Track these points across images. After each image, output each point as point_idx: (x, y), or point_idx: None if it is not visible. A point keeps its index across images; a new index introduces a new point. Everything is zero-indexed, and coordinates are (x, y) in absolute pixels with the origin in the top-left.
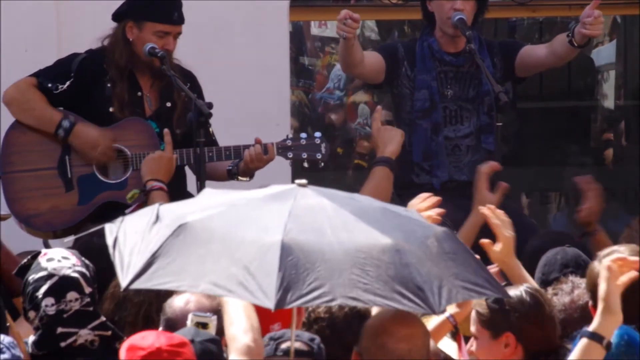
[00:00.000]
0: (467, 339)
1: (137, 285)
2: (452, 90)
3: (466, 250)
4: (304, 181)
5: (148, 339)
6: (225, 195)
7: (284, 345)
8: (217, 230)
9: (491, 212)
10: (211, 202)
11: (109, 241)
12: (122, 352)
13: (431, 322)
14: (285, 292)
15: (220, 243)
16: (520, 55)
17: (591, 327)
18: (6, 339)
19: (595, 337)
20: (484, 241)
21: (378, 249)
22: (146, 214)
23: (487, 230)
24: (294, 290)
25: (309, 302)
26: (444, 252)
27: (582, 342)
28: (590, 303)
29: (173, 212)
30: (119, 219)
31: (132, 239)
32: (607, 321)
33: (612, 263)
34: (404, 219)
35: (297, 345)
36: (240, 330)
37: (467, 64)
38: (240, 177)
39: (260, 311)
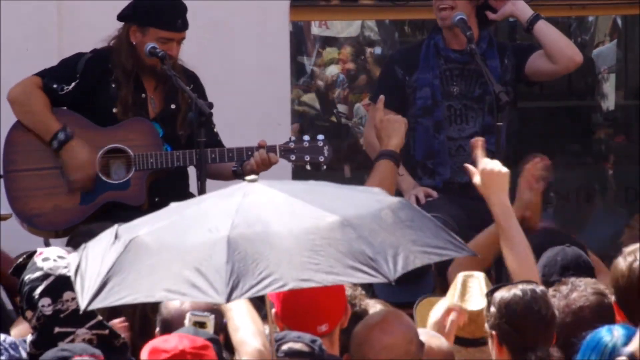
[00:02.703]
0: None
1: (95, 305)
2: (458, 87)
3: (424, 216)
4: (254, 177)
5: (171, 341)
6: (181, 205)
7: (285, 347)
8: (167, 239)
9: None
10: (165, 214)
11: (72, 269)
12: (144, 354)
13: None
14: (235, 284)
15: (170, 250)
16: (529, 60)
17: (631, 348)
18: (8, 339)
19: (633, 358)
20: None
21: (326, 228)
22: (106, 236)
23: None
24: (244, 282)
25: (261, 291)
26: (399, 221)
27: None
28: (613, 299)
29: (129, 230)
30: (82, 247)
31: (92, 263)
32: None
33: None
34: (360, 195)
35: (299, 346)
36: (249, 334)
37: (473, 62)
38: (246, 178)
39: (307, 312)
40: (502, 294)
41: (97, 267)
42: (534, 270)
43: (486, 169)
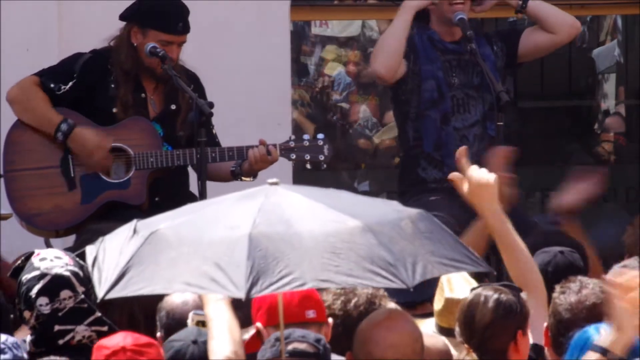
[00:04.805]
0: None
1: (112, 294)
2: (458, 78)
3: (443, 230)
4: (275, 180)
5: (115, 338)
6: (200, 203)
7: (289, 347)
8: (188, 234)
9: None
10: (185, 211)
11: (89, 261)
12: (93, 353)
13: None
14: (255, 281)
15: (190, 245)
16: (522, 39)
17: (603, 343)
18: (10, 339)
19: (605, 352)
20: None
21: (348, 232)
22: (124, 230)
23: None
24: (263, 278)
25: (280, 288)
26: (419, 232)
27: (592, 355)
28: None
29: (148, 224)
30: (99, 239)
31: (110, 255)
32: (619, 338)
33: (622, 282)
34: (379, 205)
35: (303, 346)
36: (221, 343)
37: (469, 54)
38: (243, 178)
39: (294, 294)
40: (469, 294)
41: (116, 259)
42: (535, 273)
43: (473, 178)
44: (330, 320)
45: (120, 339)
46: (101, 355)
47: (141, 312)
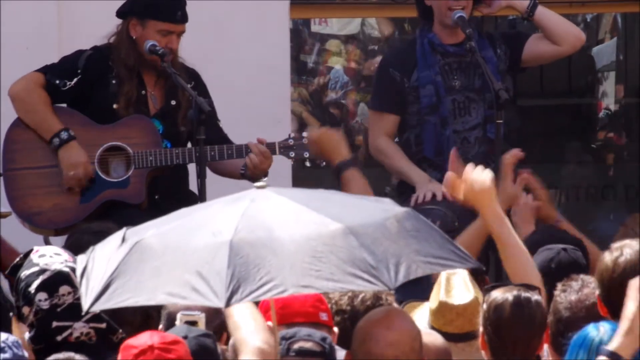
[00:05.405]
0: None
1: (97, 307)
2: (459, 80)
3: (431, 228)
4: (262, 183)
5: (142, 338)
6: (189, 208)
7: (295, 346)
8: (171, 242)
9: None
10: (173, 217)
11: (78, 270)
12: (120, 353)
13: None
14: (236, 289)
15: (173, 254)
16: (527, 46)
17: (612, 346)
18: (10, 337)
19: (614, 356)
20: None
21: (329, 235)
22: (114, 239)
23: None
24: (244, 286)
25: (261, 296)
26: (404, 231)
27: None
28: (596, 293)
29: (137, 232)
30: (90, 249)
31: (98, 265)
32: (628, 341)
33: None
34: (368, 205)
35: (309, 345)
36: (248, 332)
37: (469, 55)
38: (255, 185)
39: (309, 300)
40: (496, 295)
41: (103, 269)
42: (534, 274)
43: (469, 180)
44: (335, 329)
45: (147, 338)
46: (129, 354)
47: (156, 310)
